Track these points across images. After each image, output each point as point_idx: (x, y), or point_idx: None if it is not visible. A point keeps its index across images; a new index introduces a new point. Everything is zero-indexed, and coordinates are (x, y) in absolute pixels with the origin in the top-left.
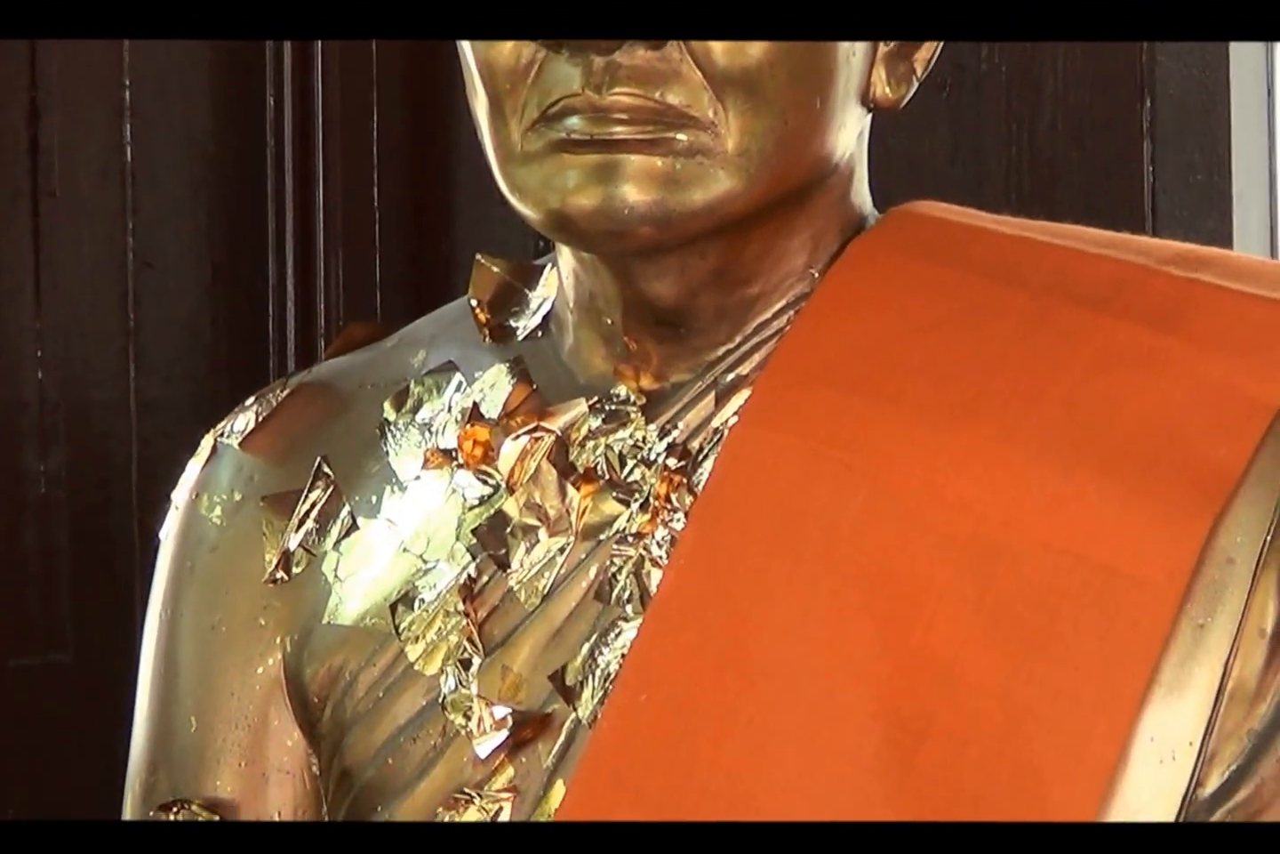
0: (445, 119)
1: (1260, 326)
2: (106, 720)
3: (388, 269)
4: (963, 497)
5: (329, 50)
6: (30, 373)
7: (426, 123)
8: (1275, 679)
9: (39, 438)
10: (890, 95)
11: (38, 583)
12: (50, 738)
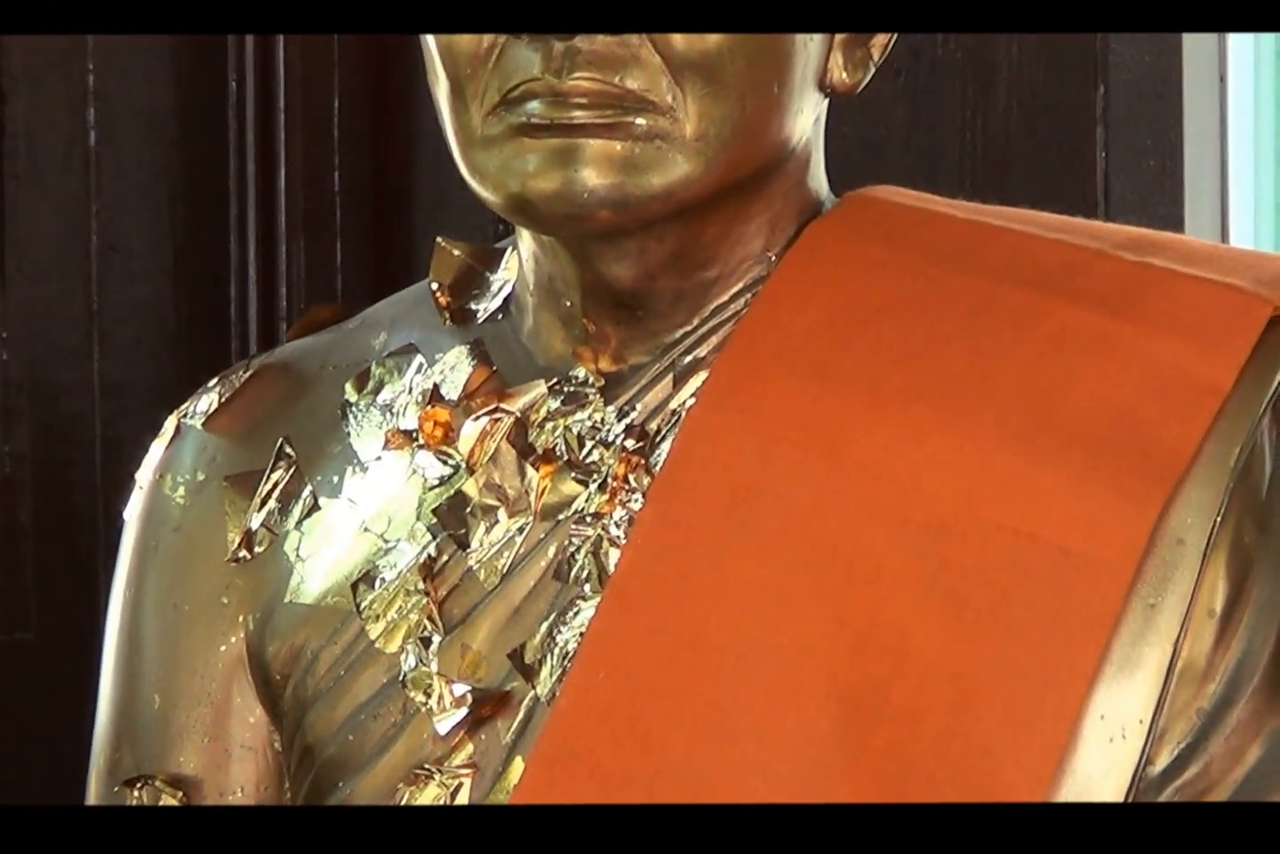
0: (406, 105)
1: (1211, 310)
2: (71, 698)
3: (348, 252)
4: (916, 478)
5: (290, 37)
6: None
7: (387, 108)
8: (1224, 659)
9: (3, 418)
10: (847, 81)
11: (1, 562)
12: (14, 715)
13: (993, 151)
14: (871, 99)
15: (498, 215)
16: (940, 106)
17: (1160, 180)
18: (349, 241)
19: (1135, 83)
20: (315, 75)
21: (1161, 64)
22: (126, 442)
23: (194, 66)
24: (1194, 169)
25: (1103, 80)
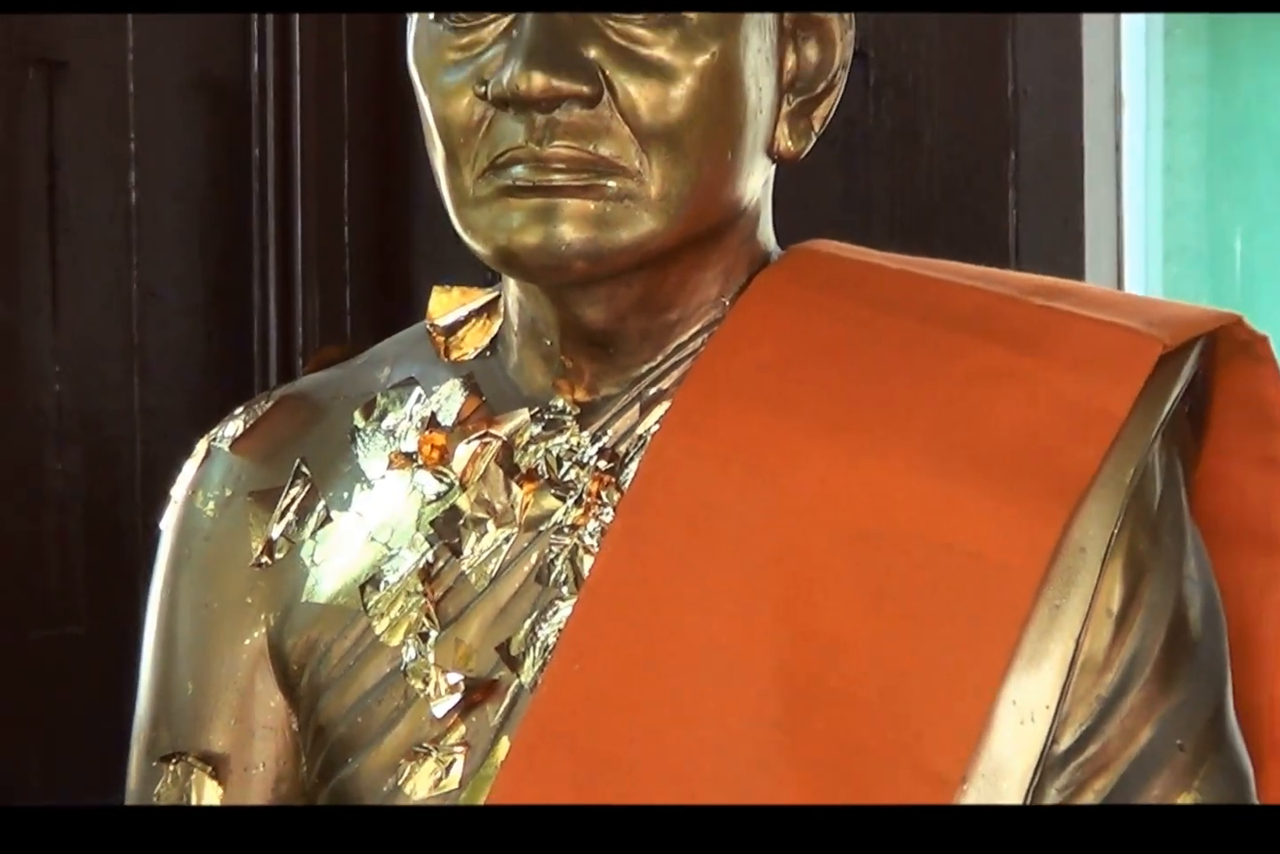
0: (406, 171)
1: (1110, 348)
2: (114, 684)
3: (357, 297)
4: (852, 495)
5: (307, 108)
6: (49, 385)
7: (390, 175)
8: (1120, 653)
9: (56, 441)
10: (792, 148)
11: (55, 566)
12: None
13: (917, 209)
14: (813, 164)
15: (487, 266)
16: (871, 170)
17: (1063, 235)
18: (357, 288)
19: (1042, 151)
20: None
21: (1065, 134)
22: (163, 461)
23: (222, 136)
24: (1093, 225)
25: (1014, 148)
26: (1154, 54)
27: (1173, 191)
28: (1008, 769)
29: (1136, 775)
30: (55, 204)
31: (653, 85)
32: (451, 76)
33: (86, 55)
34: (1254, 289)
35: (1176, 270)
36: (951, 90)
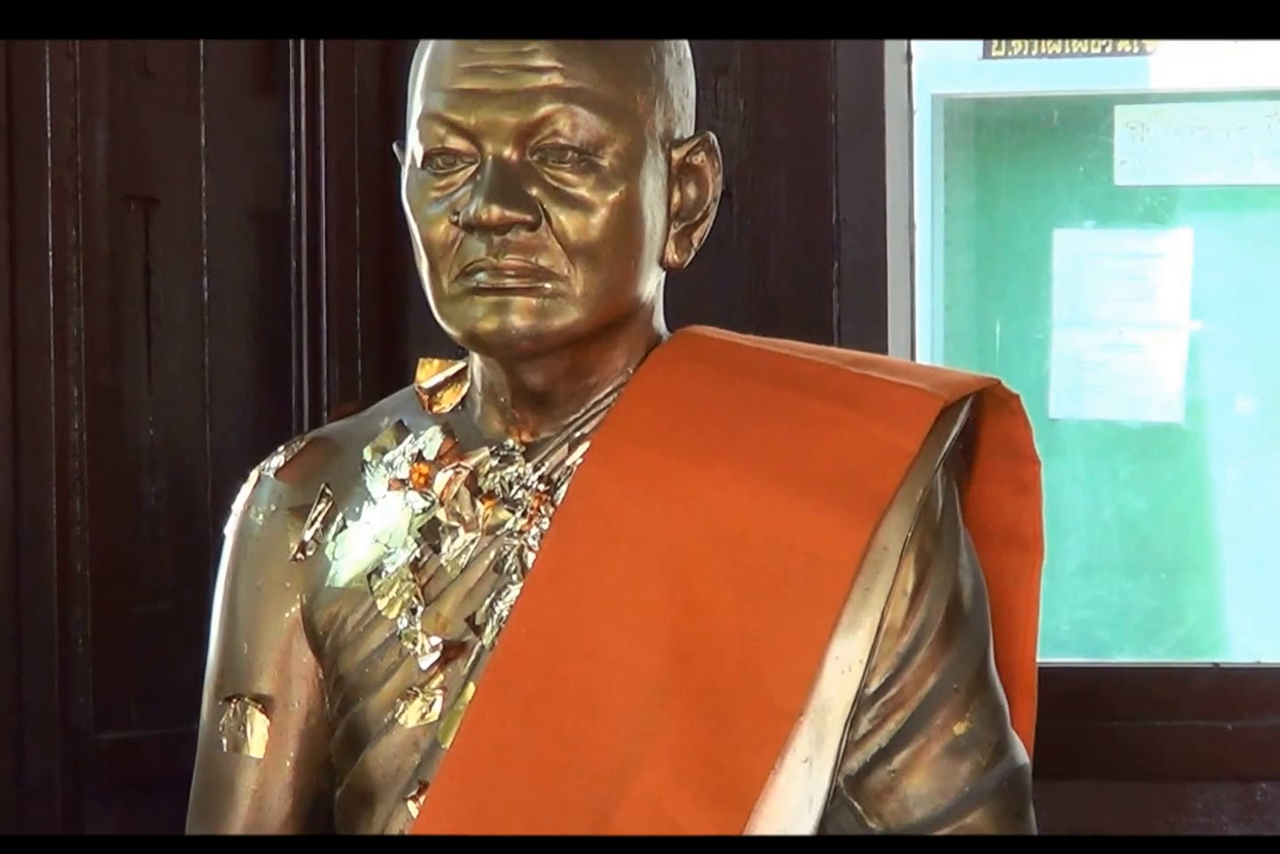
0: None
1: (905, 403)
2: (192, 645)
3: (366, 368)
4: (721, 508)
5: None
6: (145, 430)
7: (392, 278)
8: (912, 621)
9: (149, 471)
10: (677, 260)
11: (150, 562)
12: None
13: (767, 305)
14: (692, 271)
15: (458, 344)
16: (735, 277)
17: (872, 324)
18: (367, 361)
19: (856, 263)
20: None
21: (873, 251)
22: (227, 486)
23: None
24: (894, 317)
25: (837, 261)
26: (937, 191)
27: (951, 292)
28: (832, 705)
29: (926, 709)
30: (150, 301)
31: (577, 215)
32: (433, 209)
33: (172, 192)
34: (1009, 362)
35: (954, 349)
36: (793, 219)
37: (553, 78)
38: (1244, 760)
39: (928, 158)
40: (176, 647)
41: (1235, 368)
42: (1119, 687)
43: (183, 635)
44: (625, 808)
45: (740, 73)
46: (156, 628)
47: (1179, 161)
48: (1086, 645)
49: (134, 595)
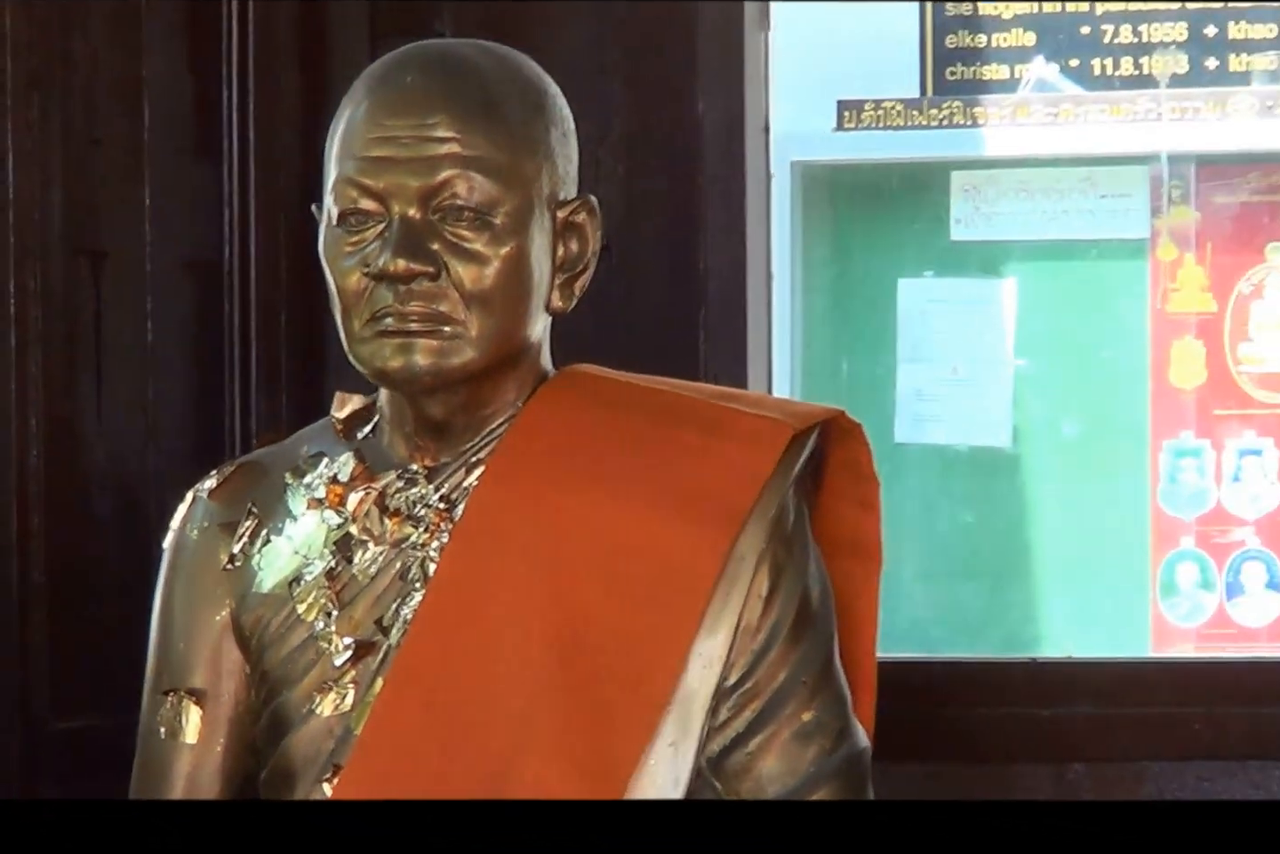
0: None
1: (761, 431)
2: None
3: (290, 400)
4: (600, 524)
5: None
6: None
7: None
8: (766, 622)
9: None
10: (562, 306)
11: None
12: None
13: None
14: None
15: (369, 380)
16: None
17: (735, 361)
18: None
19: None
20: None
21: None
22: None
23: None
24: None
25: (704, 305)
26: (797, 245)
27: (809, 333)
28: (696, 696)
29: (777, 699)
30: (100, 342)
31: (473, 267)
32: (347, 261)
33: (119, 246)
34: (860, 395)
35: (810, 383)
36: (664, 269)
37: (452, 147)
38: (1057, 744)
39: (788, 216)
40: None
41: (1055, 399)
42: (950, 679)
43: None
44: (514, 787)
45: (619, 142)
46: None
47: (1006, 220)
48: (922, 642)
49: (86, 600)
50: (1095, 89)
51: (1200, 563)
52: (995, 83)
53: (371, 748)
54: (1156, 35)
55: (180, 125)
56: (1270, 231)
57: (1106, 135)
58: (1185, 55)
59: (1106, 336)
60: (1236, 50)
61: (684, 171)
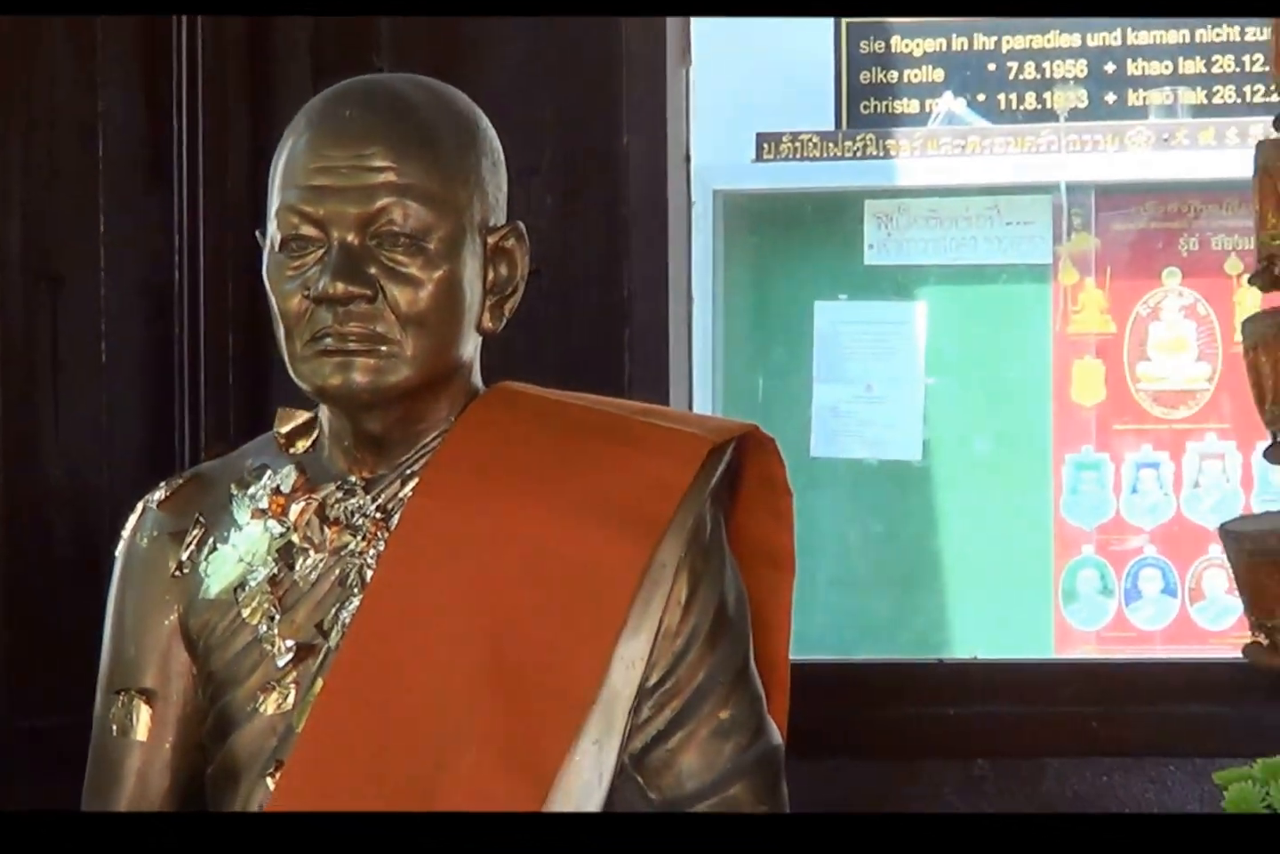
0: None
1: (680, 445)
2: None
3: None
4: (528, 533)
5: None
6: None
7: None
8: (685, 626)
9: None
10: (492, 326)
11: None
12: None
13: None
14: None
15: (310, 397)
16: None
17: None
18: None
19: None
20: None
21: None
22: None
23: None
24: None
25: (628, 326)
26: (718, 269)
27: (730, 353)
28: (620, 696)
29: (696, 699)
30: (57, 361)
31: (408, 290)
32: (289, 285)
33: (75, 272)
34: (778, 411)
35: (731, 400)
36: (594, 294)
37: (388, 176)
38: (963, 741)
39: (710, 242)
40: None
41: (963, 415)
42: (861, 680)
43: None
44: (448, 781)
45: (548, 172)
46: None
47: (917, 245)
48: (835, 645)
49: (45, 605)
50: (1001, 122)
51: (1100, 570)
52: (906, 116)
53: (312, 744)
54: (1058, 72)
55: (133, 157)
56: (1166, 257)
57: (1011, 166)
58: (1085, 90)
59: (1012, 356)
60: (1134, 86)
61: (610, 200)
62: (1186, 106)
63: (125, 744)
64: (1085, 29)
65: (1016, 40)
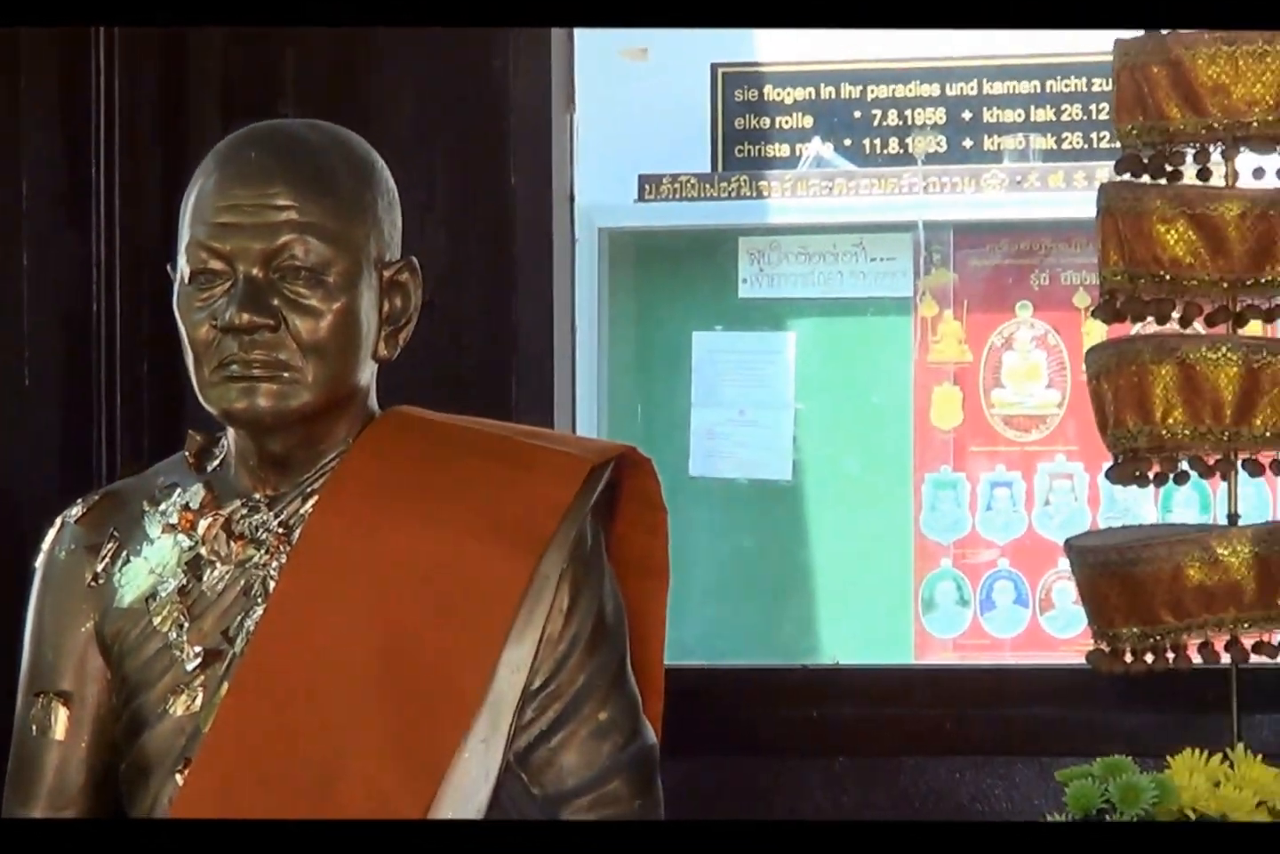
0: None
1: (563, 465)
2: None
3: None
4: (421, 547)
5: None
6: None
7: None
8: (566, 633)
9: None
10: (387, 354)
11: None
12: None
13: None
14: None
15: (218, 420)
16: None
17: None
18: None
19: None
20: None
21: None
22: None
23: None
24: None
25: (515, 355)
26: (603, 301)
27: (615, 380)
28: (505, 698)
29: (577, 701)
30: None
31: (309, 320)
32: (197, 315)
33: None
34: (659, 433)
35: (616, 423)
36: (481, 323)
37: (290, 214)
38: (826, 741)
39: (595, 277)
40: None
41: (830, 438)
42: (732, 684)
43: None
44: (345, 777)
45: (441, 210)
46: None
47: (788, 280)
48: (708, 652)
49: None
50: (865, 165)
51: (957, 581)
52: (778, 159)
53: (217, 743)
54: (919, 118)
55: (54, 196)
56: (1019, 291)
57: (875, 206)
58: (944, 136)
59: (875, 383)
60: (989, 132)
61: (499, 236)
62: (1038, 151)
63: (44, 743)
64: (944, 79)
65: (880, 89)
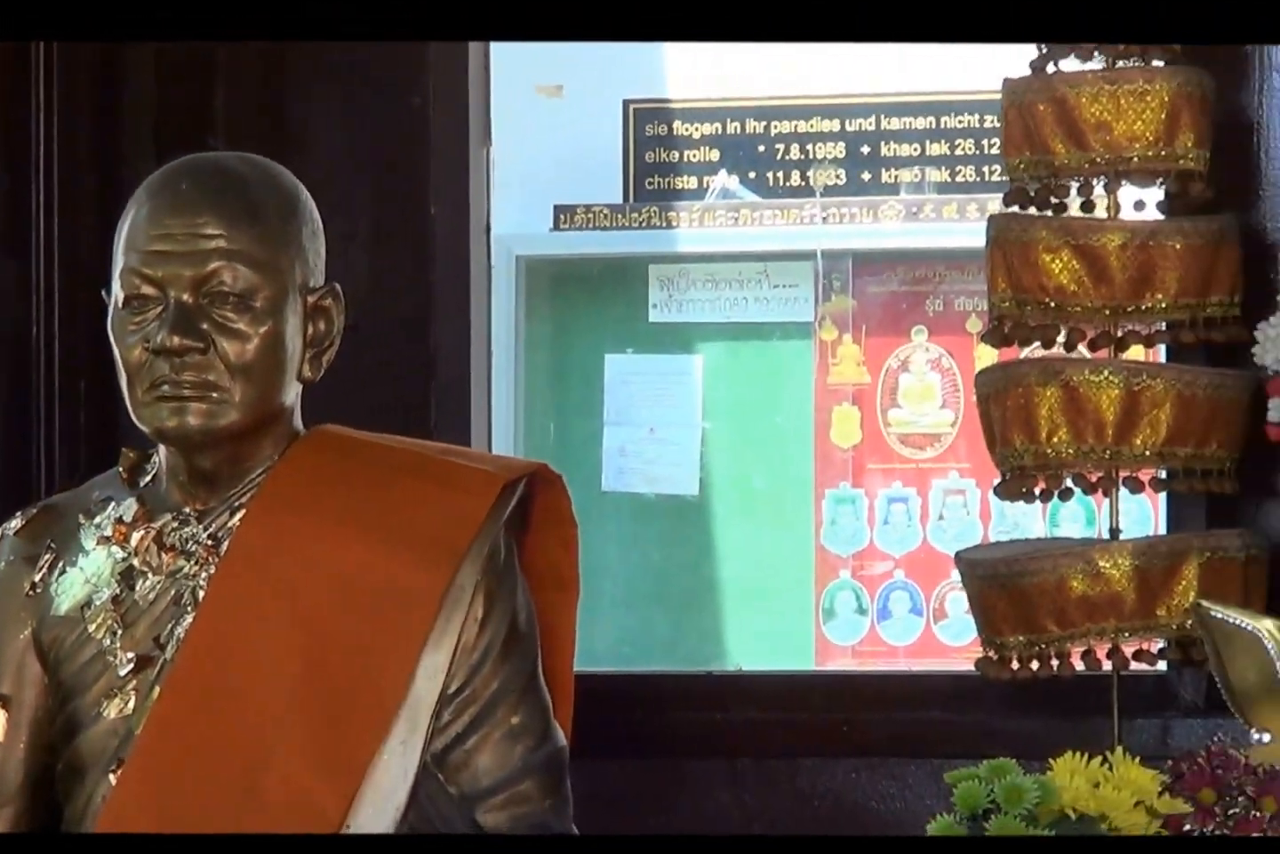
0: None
1: (478, 481)
2: None
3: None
4: (343, 559)
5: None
6: None
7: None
8: (481, 641)
9: None
10: (311, 376)
11: None
12: None
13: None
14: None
15: (150, 438)
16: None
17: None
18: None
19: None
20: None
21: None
22: None
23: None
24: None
25: (434, 377)
26: (520, 326)
27: (530, 401)
28: (423, 702)
29: (491, 705)
30: None
31: (236, 343)
32: (131, 338)
33: None
34: (574, 451)
35: (532, 442)
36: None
37: (219, 242)
38: (729, 743)
39: (512, 302)
40: None
41: (735, 455)
42: (640, 689)
43: None
44: (271, 777)
45: (364, 238)
46: None
47: (696, 305)
48: (617, 659)
49: None
50: (769, 197)
51: (855, 592)
52: (686, 191)
53: (149, 744)
54: (820, 153)
55: None
56: (914, 316)
57: (778, 236)
58: (844, 169)
59: (778, 403)
60: (886, 165)
61: (419, 264)
62: (933, 184)
63: None
64: (844, 115)
65: (783, 125)
